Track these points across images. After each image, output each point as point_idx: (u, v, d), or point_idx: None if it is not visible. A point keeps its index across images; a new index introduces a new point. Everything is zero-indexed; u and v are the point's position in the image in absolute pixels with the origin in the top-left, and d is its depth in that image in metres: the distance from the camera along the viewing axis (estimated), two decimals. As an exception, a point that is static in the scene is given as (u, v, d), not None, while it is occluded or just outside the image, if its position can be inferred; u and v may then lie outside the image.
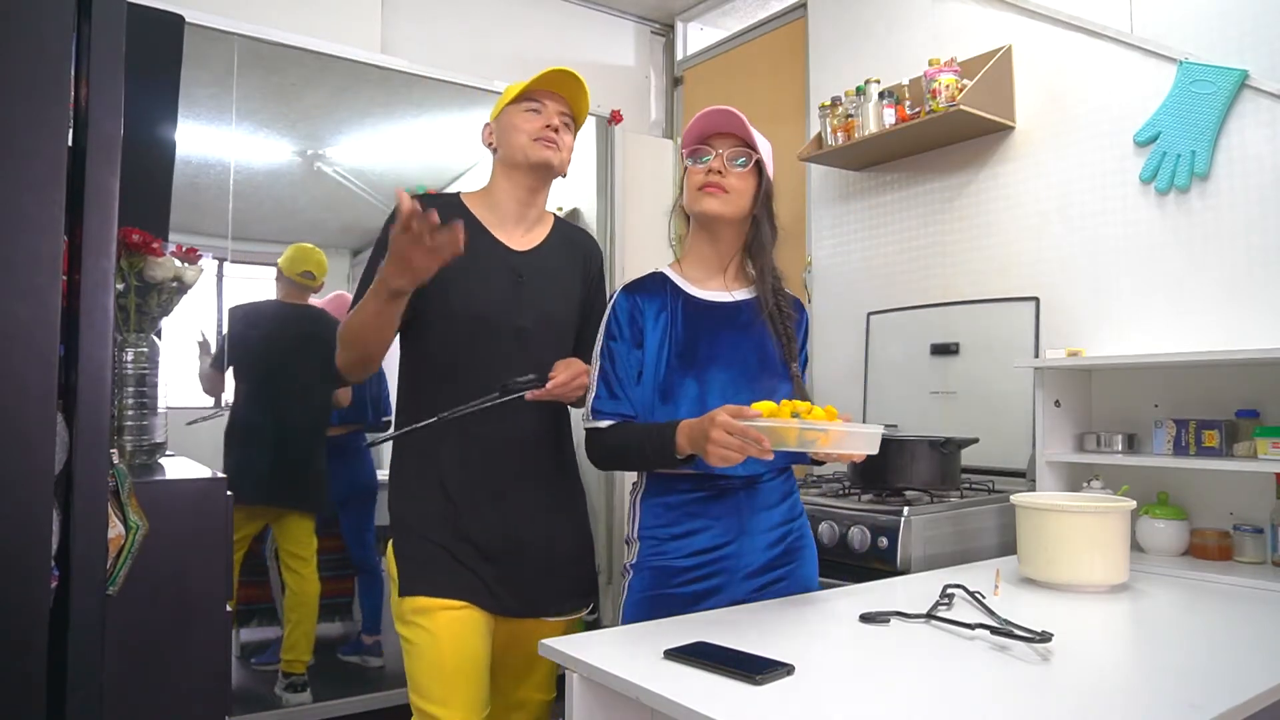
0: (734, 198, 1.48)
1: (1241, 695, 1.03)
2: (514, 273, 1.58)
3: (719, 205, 1.47)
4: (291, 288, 2.89)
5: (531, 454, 1.56)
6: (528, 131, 1.57)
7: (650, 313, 1.49)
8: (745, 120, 1.47)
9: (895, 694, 1.04)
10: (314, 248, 2.90)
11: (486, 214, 1.61)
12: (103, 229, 1.00)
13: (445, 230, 1.31)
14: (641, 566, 1.48)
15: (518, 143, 1.57)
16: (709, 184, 1.47)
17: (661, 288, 1.53)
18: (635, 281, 1.55)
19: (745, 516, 1.48)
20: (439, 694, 1.41)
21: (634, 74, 3.84)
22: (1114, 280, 2.20)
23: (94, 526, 1.00)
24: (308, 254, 2.89)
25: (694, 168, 1.51)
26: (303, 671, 2.80)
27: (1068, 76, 2.31)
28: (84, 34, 1.01)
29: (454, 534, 1.49)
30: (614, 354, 1.48)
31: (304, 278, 2.87)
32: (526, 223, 1.63)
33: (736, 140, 1.49)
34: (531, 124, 1.57)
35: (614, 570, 3.39)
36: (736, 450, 1.24)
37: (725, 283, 1.55)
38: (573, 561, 1.59)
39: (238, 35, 2.69)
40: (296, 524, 2.85)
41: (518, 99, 1.59)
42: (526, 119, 1.58)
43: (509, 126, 1.59)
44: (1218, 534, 1.91)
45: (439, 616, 1.43)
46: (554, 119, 1.59)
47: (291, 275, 2.87)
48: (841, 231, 2.94)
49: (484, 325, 1.53)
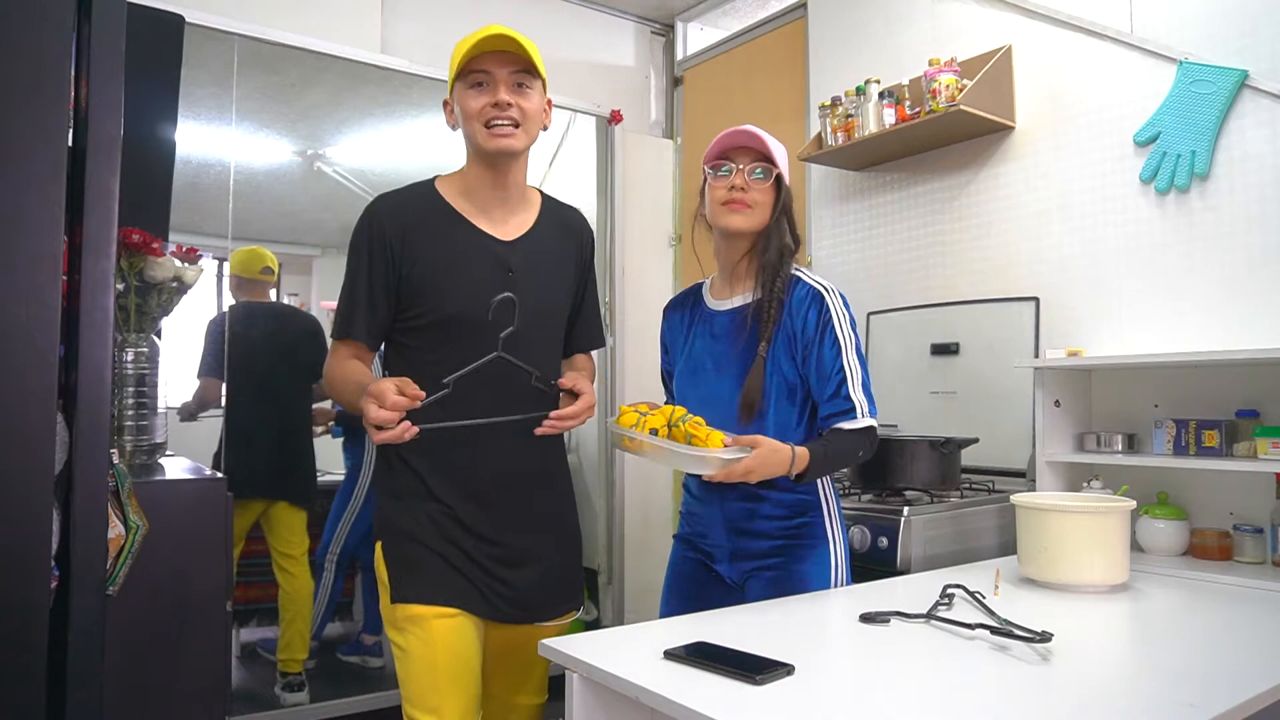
0: (756, 211, 1.58)
1: (1241, 695, 1.03)
2: (503, 267, 1.47)
3: (742, 221, 1.57)
4: (254, 287, 2.91)
5: (522, 457, 1.49)
6: (476, 115, 1.42)
7: (680, 327, 1.71)
8: (766, 138, 1.56)
9: (895, 694, 1.04)
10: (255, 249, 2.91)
11: (464, 202, 1.49)
12: (103, 229, 1.00)
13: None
14: (677, 537, 1.71)
15: (470, 130, 1.44)
16: (732, 200, 1.56)
17: (690, 300, 1.72)
18: (676, 297, 1.78)
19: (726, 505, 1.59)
20: (431, 702, 1.38)
21: (634, 74, 3.84)
22: (1114, 280, 2.20)
23: (94, 526, 1.00)
24: (259, 252, 2.91)
25: (715, 181, 1.59)
26: (299, 671, 2.80)
27: (1068, 76, 2.31)
28: (84, 34, 1.01)
29: (444, 538, 1.43)
30: (662, 360, 1.78)
31: (264, 274, 2.91)
32: (508, 205, 1.51)
33: (755, 154, 1.57)
34: (478, 102, 1.42)
35: (614, 570, 3.39)
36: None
37: (740, 289, 1.63)
38: (564, 566, 1.56)
39: (238, 35, 2.69)
40: (286, 519, 2.86)
41: (461, 74, 1.43)
42: (473, 97, 1.43)
43: (463, 107, 1.44)
44: (1218, 534, 1.91)
45: (431, 624, 1.39)
46: (501, 92, 1.41)
47: (254, 275, 2.89)
48: (841, 231, 2.94)
49: (475, 327, 1.43)
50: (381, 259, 1.44)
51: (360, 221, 1.47)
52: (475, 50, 1.40)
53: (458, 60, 1.43)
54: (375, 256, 1.44)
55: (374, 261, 1.44)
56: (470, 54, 1.40)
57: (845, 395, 1.52)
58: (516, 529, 1.48)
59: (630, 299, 3.41)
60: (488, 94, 1.42)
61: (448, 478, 1.45)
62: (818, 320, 1.53)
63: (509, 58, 1.43)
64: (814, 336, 1.53)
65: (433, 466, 1.45)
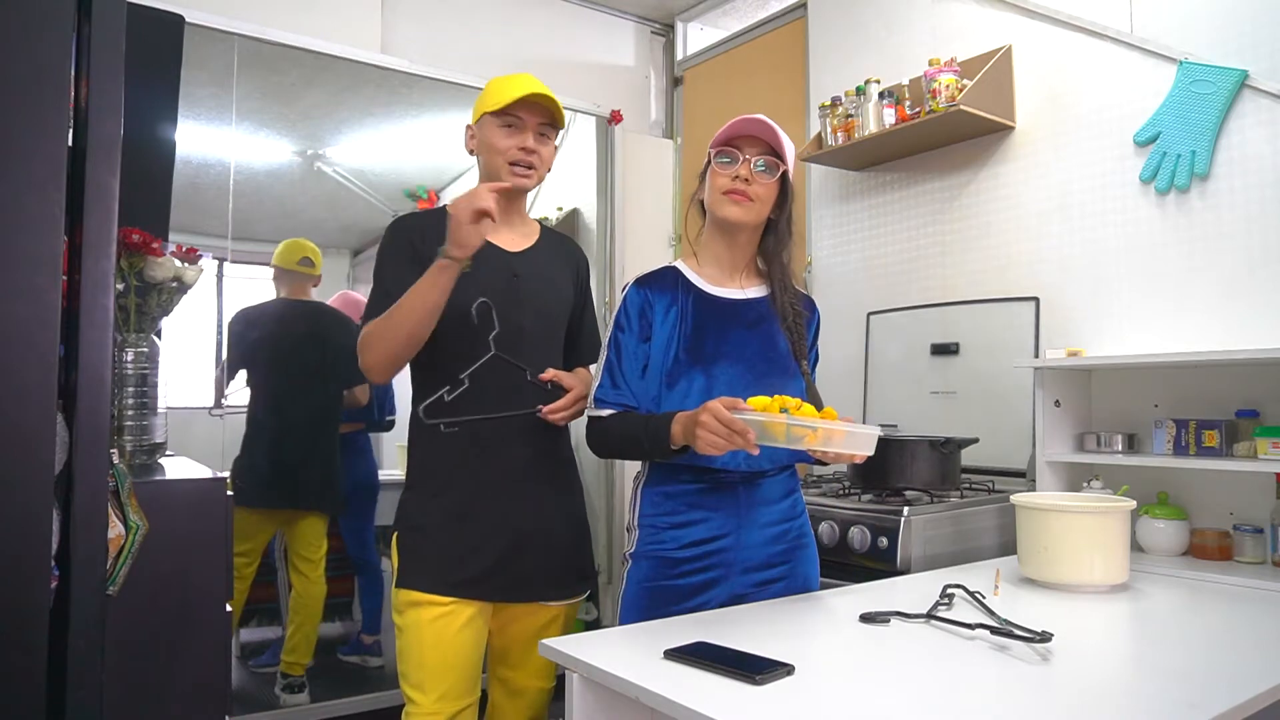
0: (758, 206, 1.50)
1: (1241, 695, 1.03)
2: (509, 272, 1.61)
3: (742, 213, 1.49)
4: (294, 281, 2.87)
5: (530, 444, 1.59)
6: (504, 153, 1.58)
7: (660, 307, 1.52)
8: (777, 130, 1.49)
9: (895, 694, 1.04)
10: (301, 241, 2.88)
11: None
12: (103, 229, 1.00)
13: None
14: (640, 555, 1.51)
15: (495, 164, 1.60)
16: (734, 190, 1.48)
17: (673, 282, 1.55)
18: (647, 275, 1.56)
19: (744, 510, 1.50)
20: (416, 678, 1.50)
21: (634, 74, 3.84)
22: (1114, 280, 2.20)
23: (94, 526, 1.00)
24: (300, 244, 2.87)
25: (719, 169, 1.50)
26: (301, 674, 2.80)
27: (1068, 76, 2.31)
28: (84, 34, 1.01)
29: (453, 525, 1.54)
30: (621, 345, 1.51)
31: (304, 265, 2.85)
32: (512, 228, 1.66)
33: (764, 146, 1.50)
34: (508, 143, 1.58)
35: (613, 569, 3.39)
36: (724, 439, 1.26)
37: (739, 280, 1.58)
38: (570, 547, 1.63)
39: (238, 35, 2.69)
40: (309, 526, 2.84)
41: (495, 111, 1.58)
42: (504, 136, 1.58)
43: (487, 142, 1.60)
44: (1218, 534, 1.91)
45: (427, 610, 1.50)
46: (529, 138, 1.59)
47: (291, 266, 2.84)
48: (841, 231, 2.94)
49: (485, 327, 1.56)
50: (405, 256, 1.57)
51: (385, 234, 1.62)
52: (514, 101, 1.56)
53: (494, 101, 1.57)
54: (400, 255, 1.57)
55: (399, 259, 1.57)
56: (509, 103, 1.56)
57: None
58: (524, 515, 1.57)
59: (630, 299, 3.41)
60: (517, 137, 1.58)
61: (460, 470, 1.56)
62: (814, 333, 1.65)
63: (540, 109, 1.59)
64: (810, 345, 1.62)
65: (446, 461, 1.56)
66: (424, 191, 3.22)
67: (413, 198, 3.17)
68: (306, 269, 2.87)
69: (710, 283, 1.56)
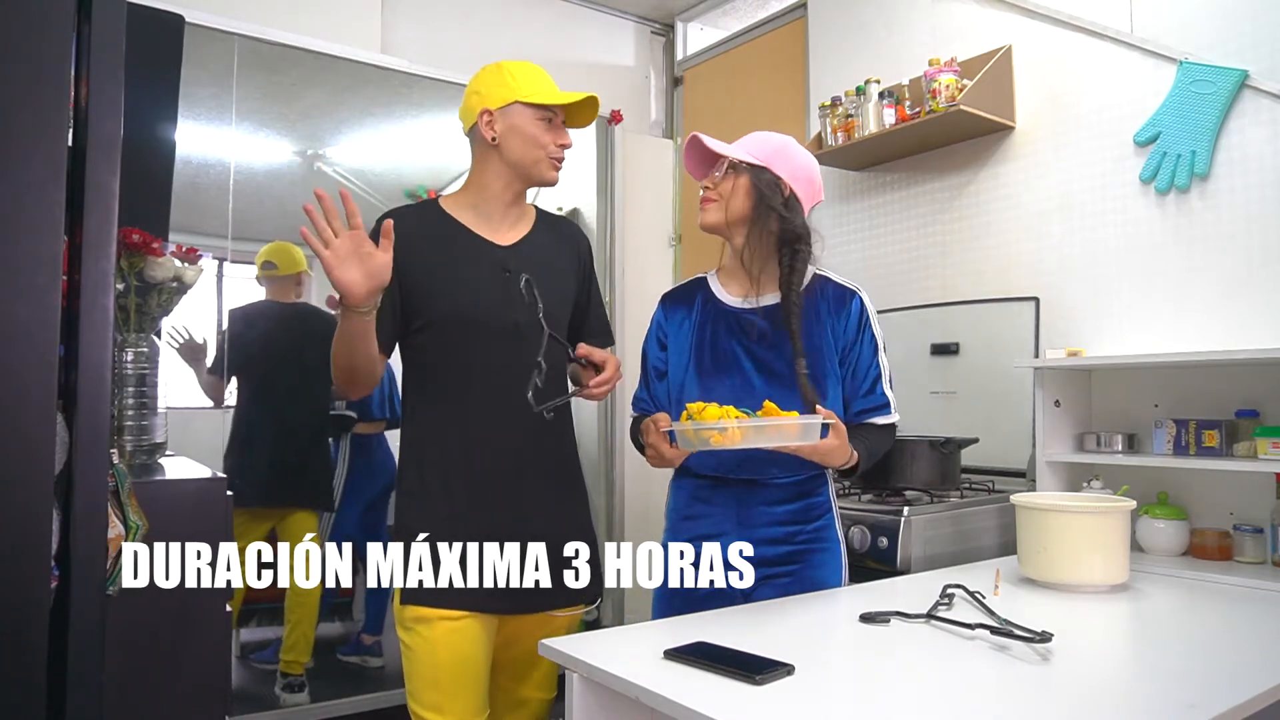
0: (723, 202, 1.57)
1: (1241, 695, 1.03)
2: (501, 269, 1.55)
3: (710, 214, 1.59)
4: (269, 284, 2.90)
5: (536, 449, 1.54)
6: (545, 147, 1.56)
7: (675, 320, 1.67)
8: (704, 138, 1.58)
9: (895, 694, 1.04)
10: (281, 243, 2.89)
11: (470, 214, 1.58)
12: (103, 229, 1.00)
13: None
14: (664, 544, 1.59)
15: (532, 156, 1.55)
16: (703, 199, 1.60)
17: (692, 295, 1.67)
18: (672, 290, 1.74)
19: (743, 511, 1.55)
20: (432, 700, 1.44)
21: (634, 74, 3.84)
22: (1114, 280, 2.20)
23: (94, 526, 1.00)
24: (268, 249, 2.89)
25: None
26: (300, 673, 2.80)
27: (1068, 76, 2.31)
28: (84, 34, 1.01)
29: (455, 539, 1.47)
30: (647, 354, 1.71)
31: (266, 269, 2.88)
32: (510, 219, 1.61)
33: (709, 156, 1.60)
34: (549, 137, 1.56)
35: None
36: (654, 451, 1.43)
37: (757, 288, 1.60)
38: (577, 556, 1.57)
39: (238, 35, 2.69)
40: (300, 524, 2.85)
41: (536, 105, 1.55)
42: (544, 130, 1.56)
43: (523, 132, 1.54)
44: (1218, 534, 1.91)
45: (437, 626, 1.44)
46: (567, 134, 1.59)
47: (259, 272, 2.88)
48: (841, 231, 2.94)
49: (476, 327, 1.51)
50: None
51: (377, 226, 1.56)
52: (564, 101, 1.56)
53: (534, 92, 1.54)
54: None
55: None
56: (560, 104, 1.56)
57: (880, 392, 1.59)
58: (530, 521, 1.51)
59: (630, 299, 3.40)
60: (555, 133, 1.58)
61: (461, 477, 1.50)
62: (858, 321, 1.61)
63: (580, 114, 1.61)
64: (855, 337, 1.60)
65: (446, 463, 1.50)
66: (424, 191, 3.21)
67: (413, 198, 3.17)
68: (269, 272, 2.88)
69: (727, 292, 1.64)
